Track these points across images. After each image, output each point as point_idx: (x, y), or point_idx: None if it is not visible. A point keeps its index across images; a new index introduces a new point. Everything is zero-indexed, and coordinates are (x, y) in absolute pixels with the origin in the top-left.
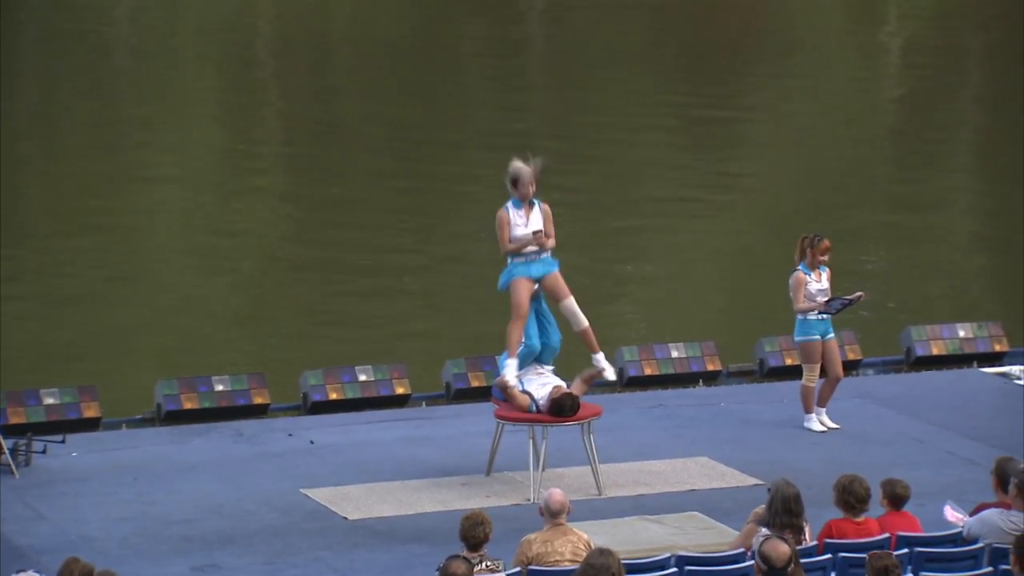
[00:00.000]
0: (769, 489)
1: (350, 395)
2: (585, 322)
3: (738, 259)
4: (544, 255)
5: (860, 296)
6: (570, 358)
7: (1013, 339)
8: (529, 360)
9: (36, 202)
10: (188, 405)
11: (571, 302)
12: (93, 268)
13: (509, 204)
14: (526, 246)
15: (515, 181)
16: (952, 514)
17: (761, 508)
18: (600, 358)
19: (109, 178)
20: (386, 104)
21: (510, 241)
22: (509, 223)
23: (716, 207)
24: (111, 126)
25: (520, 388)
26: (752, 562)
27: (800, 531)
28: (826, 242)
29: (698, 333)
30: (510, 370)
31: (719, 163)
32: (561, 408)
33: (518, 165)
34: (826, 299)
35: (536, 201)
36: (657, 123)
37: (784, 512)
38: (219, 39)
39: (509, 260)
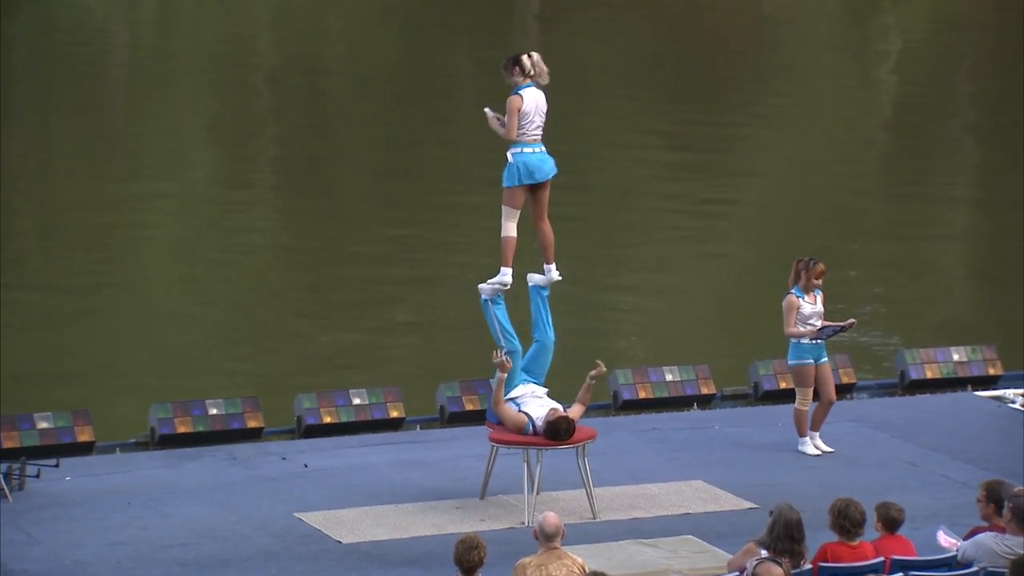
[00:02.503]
0: (771, 512)
1: (344, 418)
2: (552, 249)
3: (732, 282)
4: (543, 146)
5: (852, 323)
6: (564, 386)
7: (1007, 362)
8: (515, 367)
9: (29, 225)
10: (182, 429)
11: (549, 226)
12: (86, 292)
13: (520, 90)
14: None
15: (517, 61)
16: (945, 539)
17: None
18: (552, 268)
19: (102, 201)
20: (379, 127)
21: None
22: (520, 110)
23: (710, 230)
24: (104, 149)
25: (517, 409)
26: None
27: (800, 557)
28: (821, 266)
29: (692, 356)
30: (505, 277)
31: (712, 187)
32: (556, 432)
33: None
34: (819, 325)
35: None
36: (650, 147)
37: (785, 537)
38: (214, 62)
39: (512, 152)
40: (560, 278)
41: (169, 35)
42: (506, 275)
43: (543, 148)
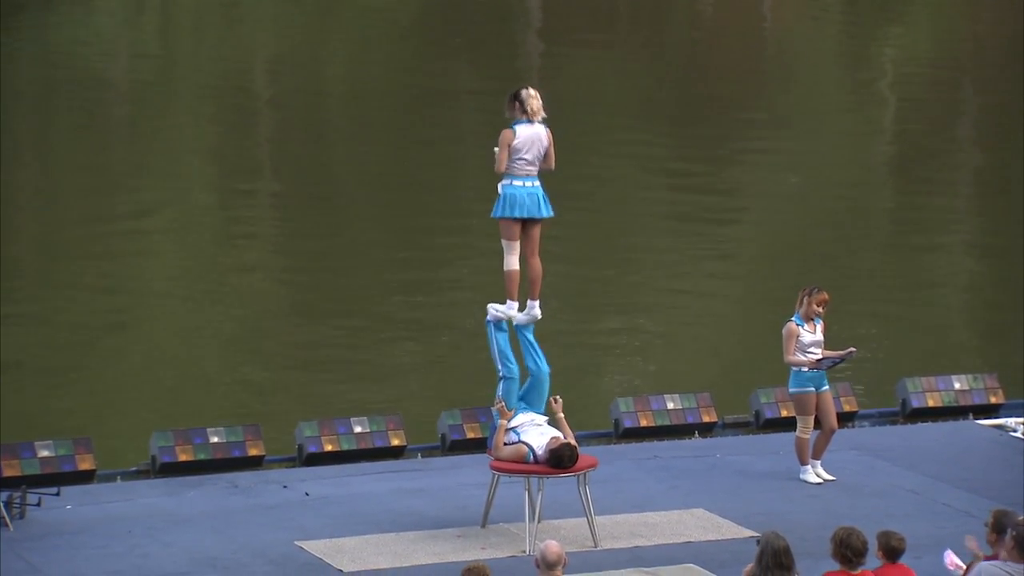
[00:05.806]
0: (758, 542)
1: (345, 447)
2: (538, 285)
3: (733, 310)
4: (538, 183)
5: (851, 352)
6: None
7: (1009, 391)
8: (513, 394)
9: (30, 250)
10: (183, 457)
11: (538, 263)
12: (87, 319)
13: (515, 125)
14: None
15: (516, 96)
16: (952, 560)
17: (751, 566)
18: (535, 304)
19: (103, 228)
20: (381, 154)
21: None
22: (510, 146)
23: (711, 258)
24: (105, 179)
25: (516, 439)
26: None
27: None
28: (824, 295)
29: (693, 384)
30: (511, 311)
31: (713, 215)
32: (560, 459)
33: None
34: (819, 355)
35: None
36: (651, 174)
37: (775, 566)
38: (214, 91)
39: (502, 184)
40: (540, 316)
41: (169, 63)
42: (511, 308)
43: (536, 184)
